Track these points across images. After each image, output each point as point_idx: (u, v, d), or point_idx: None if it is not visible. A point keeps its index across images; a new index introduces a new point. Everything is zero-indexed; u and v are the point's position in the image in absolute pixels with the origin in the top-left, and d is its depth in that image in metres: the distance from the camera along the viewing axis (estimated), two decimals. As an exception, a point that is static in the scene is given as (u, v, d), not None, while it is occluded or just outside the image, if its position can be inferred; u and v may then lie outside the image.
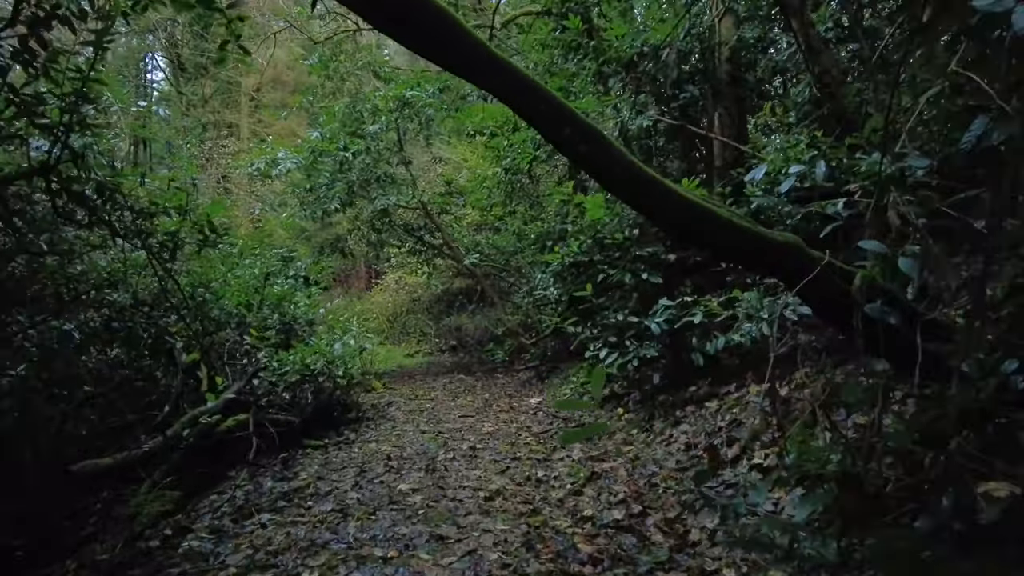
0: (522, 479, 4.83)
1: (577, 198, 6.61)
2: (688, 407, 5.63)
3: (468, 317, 16.50)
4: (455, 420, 7.15)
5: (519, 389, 9.91)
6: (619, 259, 6.40)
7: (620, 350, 5.98)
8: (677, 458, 4.86)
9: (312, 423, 6.46)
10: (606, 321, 6.19)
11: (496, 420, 7.08)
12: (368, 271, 21.49)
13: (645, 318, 5.87)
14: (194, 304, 6.74)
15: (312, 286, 10.40)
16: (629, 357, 5.81)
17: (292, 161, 11.80)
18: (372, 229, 13.91)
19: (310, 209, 12.04)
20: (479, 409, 7.86)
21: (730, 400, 5.26)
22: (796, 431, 4.30)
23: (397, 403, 8.40)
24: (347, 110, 12.11)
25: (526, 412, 7.52)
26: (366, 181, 11.92)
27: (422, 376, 12.19)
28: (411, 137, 13.53)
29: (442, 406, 8.17)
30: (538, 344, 10.65)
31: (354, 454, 5.78)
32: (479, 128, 8.88)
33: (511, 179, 9.21)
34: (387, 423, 7.04)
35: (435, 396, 9.30)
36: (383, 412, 7.71)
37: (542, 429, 6.47)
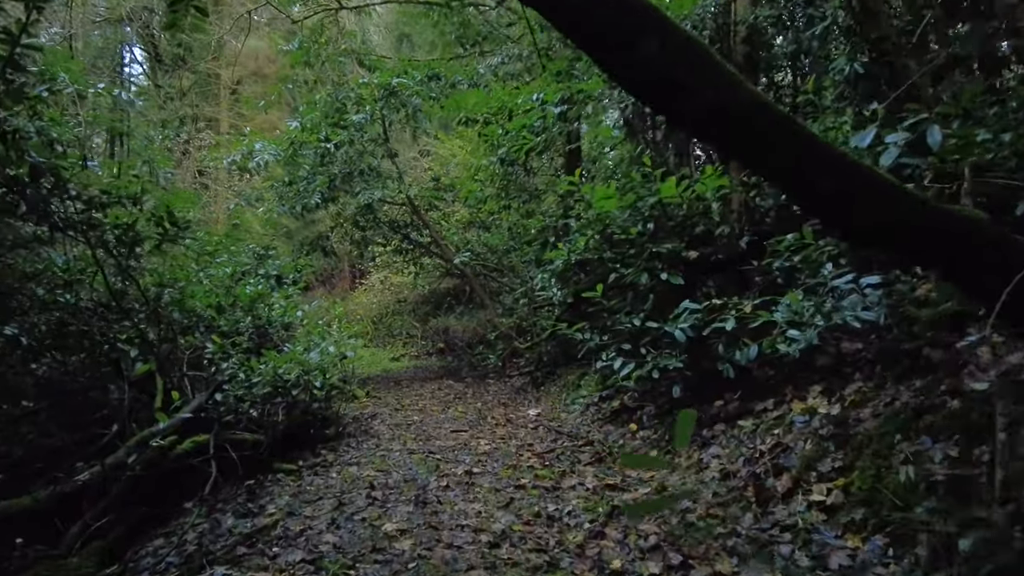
0: (530, 515, 4.03)
1: (585, 188, 5.83)
2: (717, 425, 4.86)
3: (457, 319, 15.69)
4: (447, 436, 6.34)
5: (514, 397, 9.11)
6: (633, 257, 5.63)
7: (636, 359, 5.20)
8: (713, 489, 4.08)
9: (285, 442, 5.63)
10: (620, 327, 5.40)
11: (492, 436, 6.28)
12: (352, 271, 20.61)
13: (664, 323, 5.09)
14: (151, 307, 5.91)
15: (288, 286, 9.55)
16: (647, 368, 5.03)
17: (270, 153, 10.93)
18: (355, 226, 13.07)
19: (289, 204, 11.16)
20: (473, 422, 7.06)
21: (768, 419, 4.50)
22: (867, 462, 3.55)
23: (382, 415, 7.57)
24: (329, 99, 11.26)
25: (525, 426, 6.72)
26: (349, 175, 11.07)
27: (409, 382, 11.36)
28: (397, 129, 12.71)
29: (431, 418, 7.36)
30: (533, 348, 9.86)
31: (332, 481, 4.95)
32: (472, 115, 8.09)
33: (506, 170, 8.43)
34: (371, 440, 6.21)
35: (423, 406, 8.48)
36: (366, 426, 6.88)
37: (546, 447, 5.68)
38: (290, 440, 5.74)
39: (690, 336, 4.89)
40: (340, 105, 11.26)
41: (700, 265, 5.68)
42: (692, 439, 4.96)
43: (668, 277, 5.28)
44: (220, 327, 7.12)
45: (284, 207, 11.20)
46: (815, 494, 3.54)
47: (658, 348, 5.26)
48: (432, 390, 10.19)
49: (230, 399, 5.31)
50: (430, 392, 9.99)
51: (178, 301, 6.41)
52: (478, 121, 8.15)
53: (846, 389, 4.23)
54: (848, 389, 4.21)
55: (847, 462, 3.58)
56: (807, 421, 4.18)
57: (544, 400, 8.40)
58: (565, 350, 9.72)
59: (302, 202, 10.88)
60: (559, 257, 6.03)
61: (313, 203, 10.75)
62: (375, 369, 13.72)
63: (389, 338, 16.60)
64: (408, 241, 13.13)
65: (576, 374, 8.58)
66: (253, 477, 4.98)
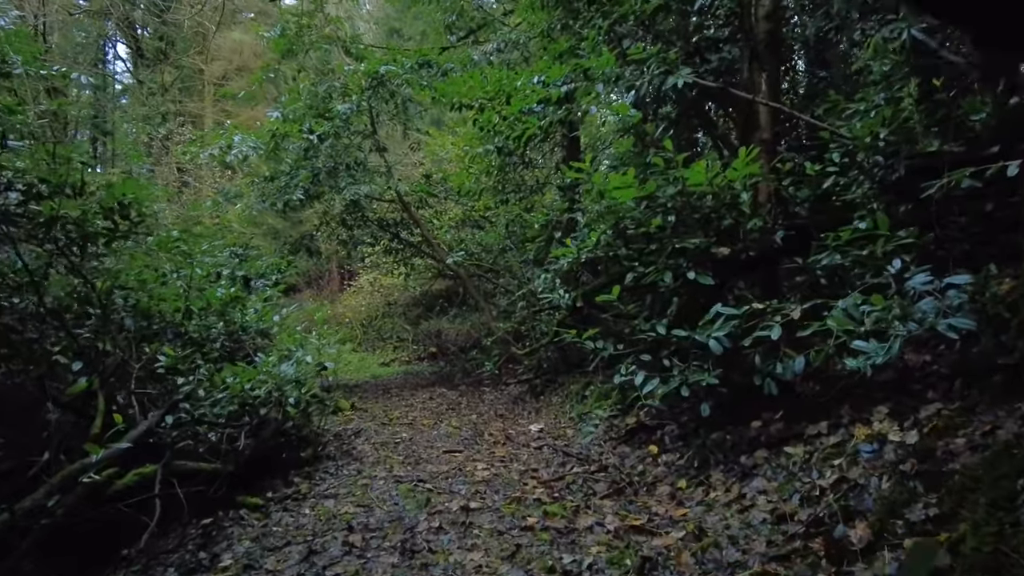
0: (542, 569, 3.23)
1: (595, 177, 5.05)
2: (758, 452, 4.08)
3: (449, 321, 14.90)
4: (439, 458, 5.54)
5: (512, 408, 8.32)
6: (653, 254, 4.84)
7: (661, 373, 4.41)
8: (766, 536, 3.30)
9: (253, 468, 4.81)
10: (640, 335, 4.61)
11: (491, 458, 5.48)
12: (340, 272, 19.75)
13: (693, 330, 4.31)
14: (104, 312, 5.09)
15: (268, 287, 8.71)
16: (675, 384, 4.24)
17: (249, 145, 10.08)
18: (342, 225, 12.24)
19: (270, 200, 10.31)
20: (468, 440, 6.25)
21: (823, 446, 3.72)
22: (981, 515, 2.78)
23: (367, 431, 6.75)
24: (313, 88, 10.43)
25: (527, 444, 5.92)
26: (334, 169, 10.24)
27: (399, 390, 10.54)
28: (387, 124, 11.90)
29: (422, 435, 6.55)
30: (532, 355, 9.07)
31: (304, 519, 4.13)
32: (466, 100, 7.30)
33: (504, 161, 7.62)
34: (352, 464, 5.40)
35: (413, 419, 7.67)
36: (349, 446, 6.06)
37: (553, 474, 4.89)
38: (259, 466, 4.91)
39: (726, 347, 4.10)
40: (325, 95, 10.44)
41: (729, 263, 4.90)
42: (729, 467, 4.18)
43: (696, 277, 4.49)
44: (189, 334, 6.33)
45: (265, 203, 10.33)
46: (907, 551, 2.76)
47: (684, 360, 4.47)
48: (423, 399, 9.38)
49: (187, 421, 4.48)
50: (421, 402, 9.18)
51: (144, 304, 5.64)
52: (472, 107, 7.36)
53: (920, 412, 3.46)
54: (924, 412, 3.45)
55: (946, 509, 2.80)
56: (876, 451, 3.40)
57: (545, 412, 7.60)
58: (566, 357, 8.94)
59: (284, 198, 10.03)
60: (567, 255, 5.23)
61: (295, 199, 9.90)
62: (363, 375, 12.90)
63: (379, 342, 15.76)
64: (398, 240, 12.31)
65: (580, 383, 7.80)
66: (211, 514, 4.16)
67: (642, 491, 4.32)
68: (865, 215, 4.44)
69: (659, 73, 5.56)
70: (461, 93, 7.31)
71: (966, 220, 4.39)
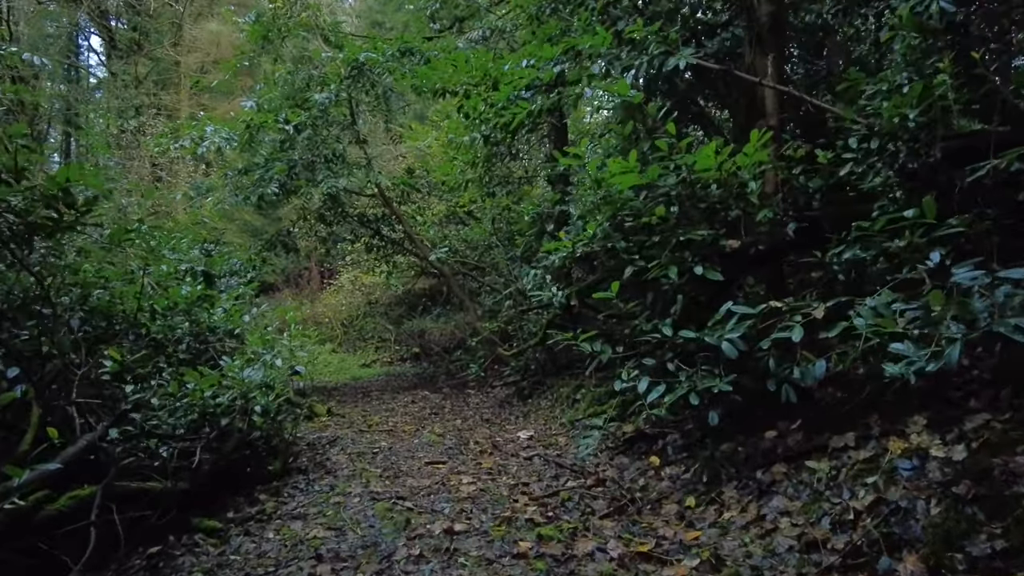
0: (539, 609, 2.77)
1: (592, 164, 4.58)
2: (776, 466, 3.64)
3: (433, 321, 14.40)
4: (420, 470, 5.05)
5: (498, 412, 7.85)
6: (655, 247, 4.39)
7: (666, 378, 3.96)
8: (795, 567, 2.85)
9: (215, 483, 4.30)
10: (644, 336, 4.16)
11: (477, 469, 5.01)
12: (320, 270, 19.15)
13: (702, 331, 3.86)
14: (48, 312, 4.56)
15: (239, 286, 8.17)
16: (683, 391, 3.79)
17: (222, 136, 9.51)
18: (321, 221, 11.69)
19: (244, 194, 9.74)
20: (452, 449, 5.76)
21: (852, 461, 3.29)
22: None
23: (343, 439, 6.24)
24: (289, 77, 9.90)
25: (515, 454, 5.45)
26: (311, 162, 9.70)
27: (379, 393, 10.03)
28: (368, 118, 11.39)
29: (403, 444, 6.05)
30: (519, 356, 8.60)
31: (267, 546, 3.63)
32: (450, 86, 6.80)
33: (490, 151, 7.14)
34: (325, 479, 4.89)
35: (394, 425, 7.17)
36: (322, 457, 5.55)
37: (546, 488, 4.42)
38: (220, 482, 4.40)
39: (741, 350, 3.66)
40: (302, 84, 9.91)
41: (736, 258, 4.47)
42: (743, 483, 3.74)
43: (704, 272, 4.05)
44: (152, 335, 5.82)
45: (238, 197, 9.75)
46: (970, 591, 2.33)
47: (690, 363, 4.02)
48: (405, 403, 8.88)
49: (137, 433, 3.96)
50: (403, 406, 8.69)
51: (104, 304, 5.14)
52: (456, 93, 6.86)
53: (965, 423, 3.04)
54: (969, 423, 3.02)
55: (1015, 542, 2.37)
56: (917, 468, 2.97)
57: (534, 417, 7.14)
58: (554, 358, 8.49)
59: (258, 192, 9.46)
60: (561, 250, 4.76)
61: (270, 192, 9.34)
62: (343, 377, 12.37)
63: (360, 342, 15.22)
64: (379, 237, 11.78)
65: (570, 387, 7.35)
66: (161, 540, 3.65)
67: (646, 509, 3.87)
68: (886, 204, 4.04)
69: (659, 54, 5.11)
70: (444, 79, 6.82)
71: (998, 210, 4.00)
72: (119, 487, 3.58)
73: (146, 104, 18.01)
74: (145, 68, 18.83)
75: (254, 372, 4.83)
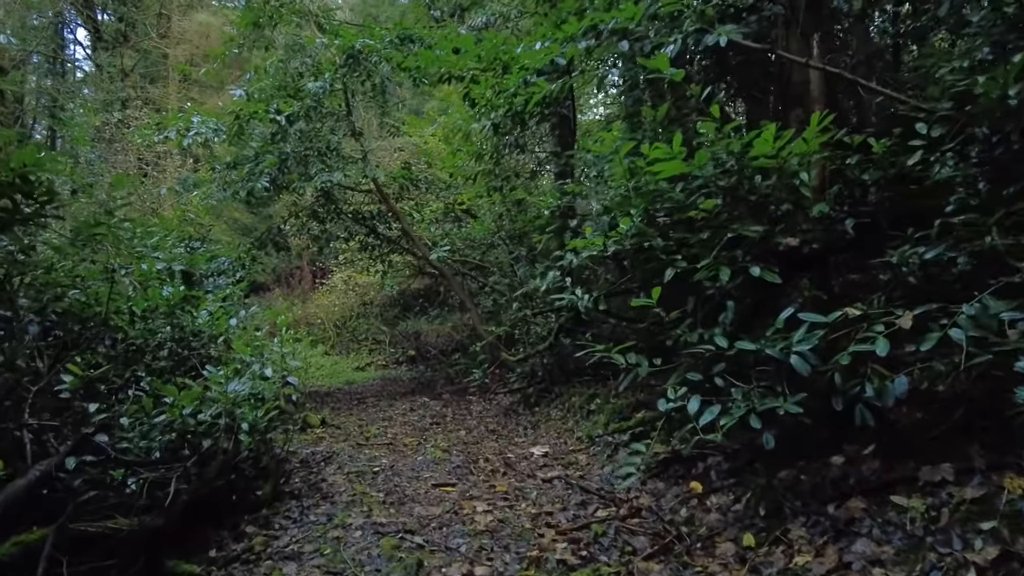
0: None
1: (625, 147, 4.02)
2: (852, 500, 3.09)
3: (429, 322, 13.81)
4: (427, 494, 4.47)
5: (504, 422, 7.28)
6: (699, 245, 3.83)
7: (716, 396, 3.40)
8: (907, 640, 2.30)
9: (192, 518, 3.70)
10: (692, 348, 3.60)
11: (491, 494, 4.43)
12: (313, 269, 18.50)
13: (762, 342, 3.31)
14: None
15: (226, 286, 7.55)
16: (740, 412, 3.23)
17: (209, 127, 8.89)
18: (313, 218, 11.06)
19: (232, 189, 9.11)
20: (460, 467, 5.19)
21: (955, 500, 2.74)
22: None
23: (339, 455, 5.65)
24: (281, 65, 9.29)
25: (532, 474, 4.89)
26: (304, 155, 9.09)
27: (375, 399, 9.44)
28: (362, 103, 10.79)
29: (405, 460, 5.47)
30: (525, 362, 8.04)
31: (253, 596, 3.04)
32: (455, 70, 6.22)
33: (499, 142, 6.55)
34: (321, 506, 4.29)
35: (393, 436, 6.59)
36: (317, 477, 4.96)
37: (574, 520, 3.85)
38: (201, 513, 3.80)
39: (812, 364, 3.11)
40: (294, 73, 9.30)
41: (788, 258, 3.92)
42: (813, 520, 3.18)
43: (761, 274, 3.49)
44: (131, 340, 5.23)
45: (226, 192, 9.12)
46: None
47: (743, 378, 3.47)
48: (403, 411, 8.30)
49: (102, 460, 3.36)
50: (401, 414, 8.10)
51: (77, 306, 4.57)
52: (462, 79, 6.29)
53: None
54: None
55: None
56: (1046, 513, 2.43)
57: (544, 428, 6.58)
58: (562, 364, 7.92)
59: (247, 187, 8.84)
60: (592, 247, 4.19)
61: (260, 187, 8.72)
62: (337, 381, 11.76)
63: (353, 344, 14.59)
64: (375, 235, 11.16)
65: (581, 395, 6.79)
66: (129, 587, 3.05)
67: (696, 549, 3.30)
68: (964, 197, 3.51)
69: (694, 31, 4.56)
70: (449, 63, 6.24)
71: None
72: (75, 530, 2.98)
73: (132, 97, 17.29)
74: (132, 60, 18.10)
75: (241, 384, 4.24)
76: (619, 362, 3.81)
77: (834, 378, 3.21)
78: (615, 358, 3.79)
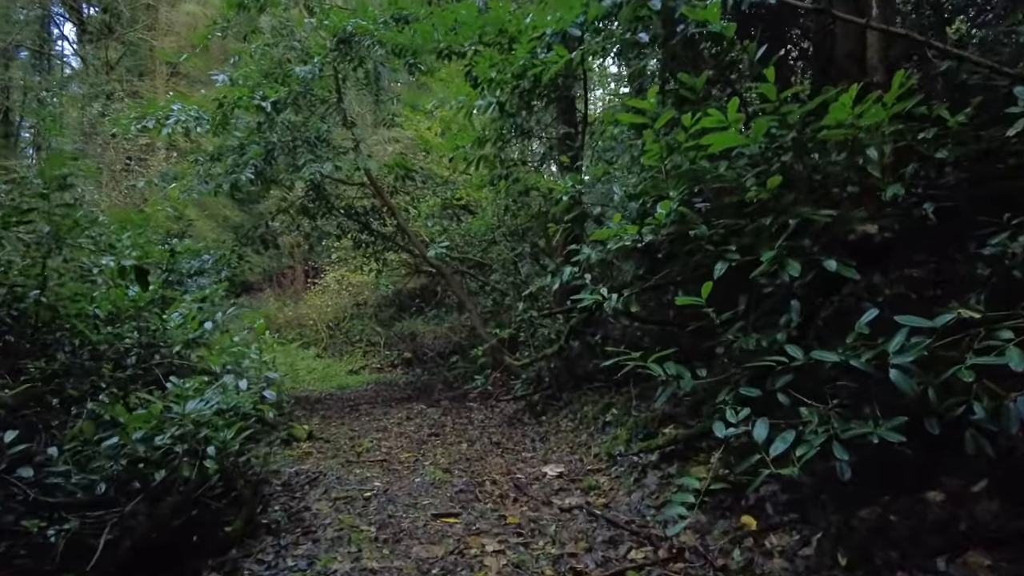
0: None
1: (660, 120, 3.34)
2: (970, 554, 2.42)
3: (425, 323, 13.11)
4: (427, 528, 3.78)
5: (508, 432, 6.60)
6: (754, 233, 3.16)
7: (788, 419, 2.72)
8: None
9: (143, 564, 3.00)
10: (751, 360, 2.93)
11: (502, 527, 3.75)
12: (305, 269, 17.78)
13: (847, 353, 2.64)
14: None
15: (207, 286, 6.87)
16: (820, 439, 2.55)
17: (190, 115, 8.18)
18: (303, 214, 10.34)
19: (215, 182, 8.39)
20: (464, 492, 4.49)
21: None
22: None
23: (327, 475, 4.94)
24: (267, 48, 8.58)
25: (546, 501, 4.20)
26: (292, 144, 8.39)
27: (369, 406, 8.74)
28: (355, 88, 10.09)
29: (401, 482, 4.77)
30: (531, 367, 7.36)
31: None
32: (454, 46, 5.53)
33: (504, 124, 5.85)
34: (302, 545, 3.59)
35: (388, 451, 5.90)
36: (299, 505, 4.26)
37: (604, 564, 3.18)
38: (155, 558, 3.10)
39: (918, 381, 2.44)
40: (281, 57, 8.60)
41: (862, 249, 3.26)
42: (911, 573, 2.51)
43: (838, 268, 2.82)
44: (97, 345, 4.61)
45: (209, 185, 8.40)
46: None
47: (816, 396, 2.80)
48: (399, 419, 7.61)
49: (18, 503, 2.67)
50: (396, 423, 7.41)
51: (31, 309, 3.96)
52: (463, 54, 5.60)
53: None
54: None
55: None
56: None
57: (555, 442, 5.90)
58: (571, 368, 7.25)
59: (231, 179, 8.12)
60: (625, 236, 3.50)
61: (244, 179, 8.01)
62: (328, 385, 11.04)
63: (347, 346, 13.87)
64: (368, 232, 10.45)
65: (595, 404, 6.12)
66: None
67: (764, 611, 2.63)
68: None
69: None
70: (449, 37, 5.56)
71: None
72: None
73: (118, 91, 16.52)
74: (117, 53, 17.32)
75: (206, 401, 3.54)
76: (656, 373, 3.13)
77: (927, 395, 2.55)
78: (651, 368, 3.11)
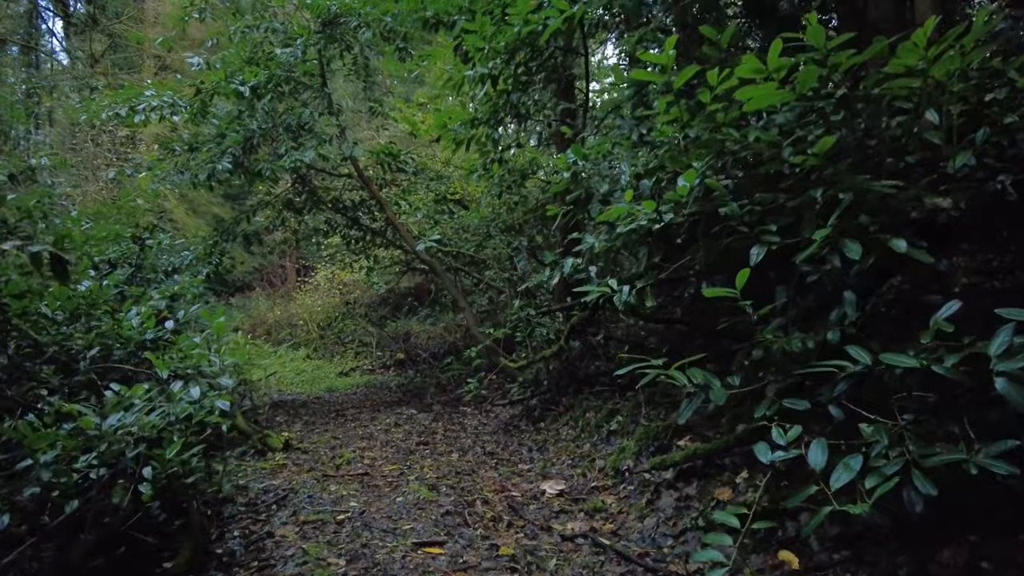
0: None
1: (681, 77, 2.76)
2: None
3: (419, 323, 12.53)
4: (405, 560, 3.19)
5: (504, 441, 6.03)
6: (796, 211, 2.58)
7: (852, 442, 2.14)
8: None
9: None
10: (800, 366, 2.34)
11: (493, 560, 3.17)
12: (296, 267, 17.18)
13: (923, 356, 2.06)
14: None
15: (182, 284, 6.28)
16: (896, 468, 1.97)
17: (163, 100, 7.60)
18: (289, 209, 9.77)
19: (192, 172, 7.80)
20: (451, 512, 3.90)
21: None
22: None
23: (298, 493, 4.35)
24: (246, 30, 8.00)
25: (545, 526, 3.62)
26: (272, 130, 7.80)
27: (356, 410, 8.16)
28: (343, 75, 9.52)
29: (380, 503, 4.18)
30: (528, 369, 6.78)
31: None
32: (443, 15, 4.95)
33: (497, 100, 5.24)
34: (254, 585, 3.01)
35: (370, 463, 5.31)
36: (261, 530, 3.67)
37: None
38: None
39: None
40: (261, 40, 8.02)
41: (927, 228, 2.67)
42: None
43: (909, 251, 2.24)
44: (43, 347, 4.09)
45: (185, 176, 7.81)
46: None
47: (881, 410, 2.22)
48: (386, 426, 7.03)
49: None
50: (383, 430, 6.83)
51: None
52: (453, 25, 5.02)
53: None
54: None
55: None
56: None
57: (555, 452, 5.32)
58: (571, 371, 6.67)
59: (207, 169, 7.54)
60: (640, 215, 2.92)
61: (222, 168, 7.42)
62: (317, 388, 10.46)
63: (338, 347, 13.27)
64: (357, 226, 9.86)
65: (598, 410, 5.54)
66: None
67: None
68: None
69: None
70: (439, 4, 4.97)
71: None
72: None
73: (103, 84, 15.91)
74: (102, 45, 16.71)
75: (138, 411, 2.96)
76: (680, 381, 2.54)
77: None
78: (675, 377, 2.53)
